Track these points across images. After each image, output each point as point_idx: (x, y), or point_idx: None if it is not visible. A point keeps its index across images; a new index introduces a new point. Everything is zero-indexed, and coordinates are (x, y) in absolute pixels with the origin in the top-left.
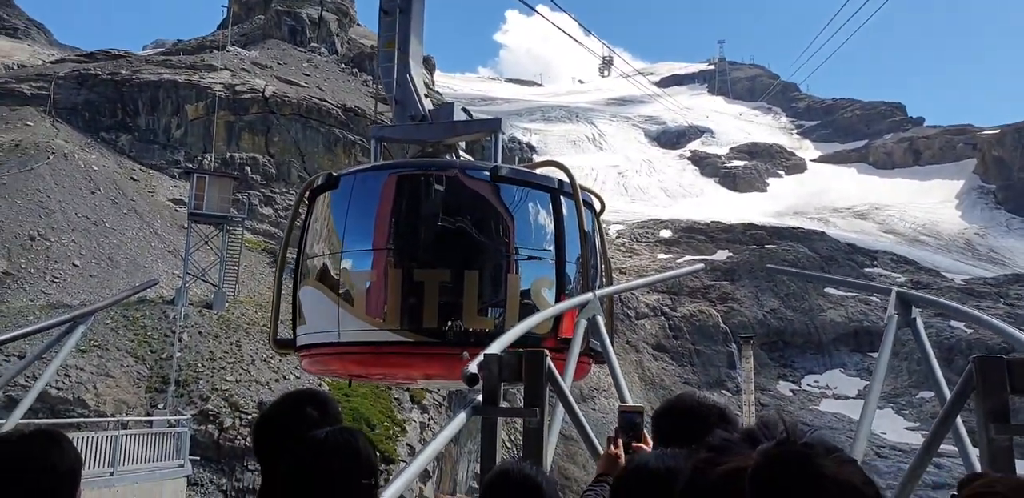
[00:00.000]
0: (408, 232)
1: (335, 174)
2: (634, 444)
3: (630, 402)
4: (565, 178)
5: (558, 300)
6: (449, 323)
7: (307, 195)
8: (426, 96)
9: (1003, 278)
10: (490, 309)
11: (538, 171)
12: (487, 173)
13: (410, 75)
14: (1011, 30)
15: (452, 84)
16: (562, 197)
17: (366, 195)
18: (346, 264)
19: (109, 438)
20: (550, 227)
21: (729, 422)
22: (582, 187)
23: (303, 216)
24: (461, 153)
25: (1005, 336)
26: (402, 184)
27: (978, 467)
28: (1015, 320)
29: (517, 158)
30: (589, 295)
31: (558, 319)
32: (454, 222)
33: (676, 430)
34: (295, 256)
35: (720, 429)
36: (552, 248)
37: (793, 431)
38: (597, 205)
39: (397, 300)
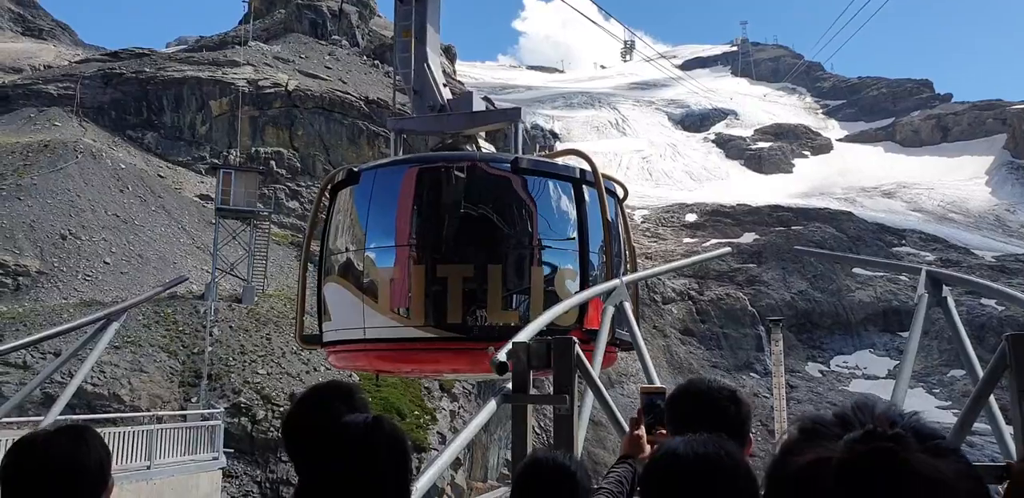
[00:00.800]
0: (430, 227)
1: (356, 169)
2: (658, 430)
3: (658, 385)
4: (587, 167)
5: (583, 289)
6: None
7: (328, 190)
8: (444, 85)
9: None
10: (514, 303)
11: (559, 160)
12: (508, 165)
13: (428, 64)
14: None
15: (473, 73)
16: (584, 186)
17: (387, 190)
18: (370, 260)
19: (145, 432)
20: (573, 217)
21: (740, 404)
22: (604, 175)
23: (325, 211)
24: (481, 143)
25: None
26: (422, 178)
27: (1012, 445)
28: None
29: (540, 145)
30: (616, 281)
31: (583, 310)
32: (476, 216)
33: (689, 414)
34: (318, 251)
35: (733, 411)
36: (575, 238)
37: (883, 420)
38: (620, 192)
39: (421, 296)
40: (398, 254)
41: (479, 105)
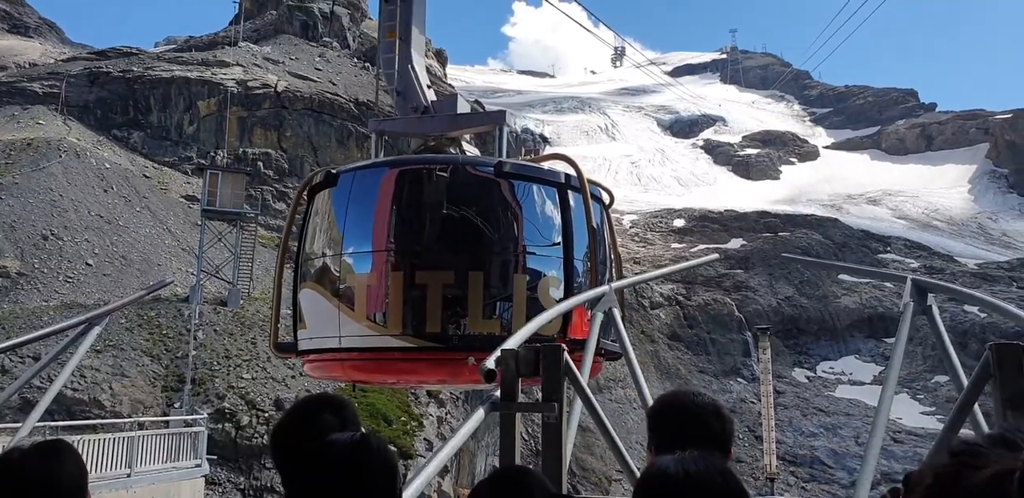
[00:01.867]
0: (409, 232)
1: (334, 171)
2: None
3: (647, 393)
4: (572, 172)
5: (567, 298)
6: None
7: (306, 193)
8: (429, 87)
9: (1016, 262)
10: (496, 311)
11: (545, 165)
12: (491, 168)
13: (412, 65)
14: None
15: (464, 76)
16: (569, 191)
17: (365, 193)
18: (346, 266)
19: (126, 439)
20: (558, 223)
21: (724, 419)
22: (590, 180)
23: (303, 215)
24: (465, 147)
25: (1020, 323)
26: (402, 181)
27: None
28: None
29: (527, 149)
30: (605, 288)
31: (567, 318)
32: (457, 221)
33: (674, 429)
34: (295, 256)
35: (717, 427)
36: (560, 245)
37: None
38: (606, 198)
39: (399, 303)
40: (375, 259)
41: (464, 107)
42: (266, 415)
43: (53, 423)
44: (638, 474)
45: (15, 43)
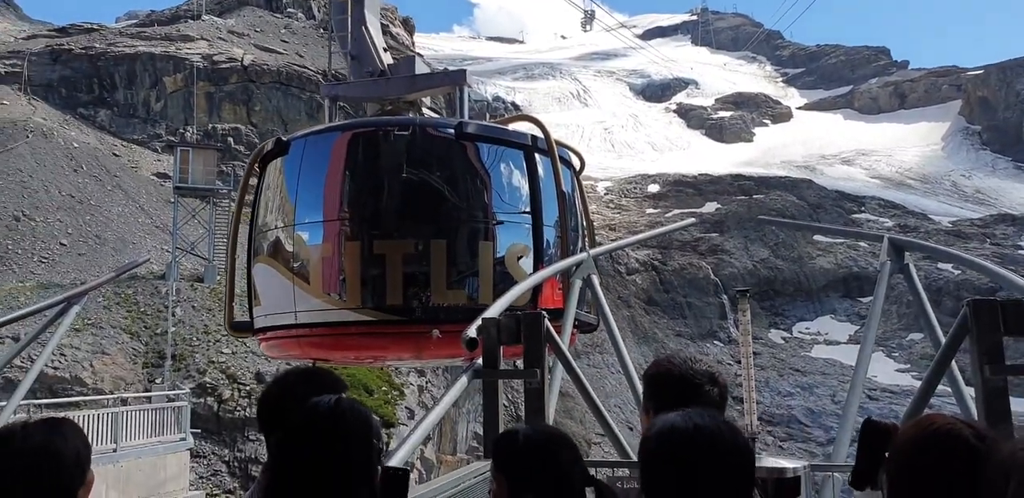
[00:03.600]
0: (365, 199)
1: (284, 138)
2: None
3: (628, 358)
4: (540, 134)
5: (536, 267)
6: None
7: (257, 163)
8: (385, 50)
9: (989, 218)
10: (461, 282)
11: (511, 127)
12: (451, 130)
13: (366, 27)
14: None
15: (432, 44)
16: (537, 155)
17: (317, 160)
18: (300, 237)
19: (110, 415)
20: (525, 188)
21: (720, 386)
22: (559, 143)
23: (256, 186)
24: (425, 111)
25: (997, 279)
26: (356, 146)
27: (973, 407)
28: (1002, 260)
29: (498, 117)
30: (583, 255)
31: (537, 290)
32: (416, 186)
33: (673, 397)
34: (248, 230)
35: (715, 393)
36: (528, 211)
37: None
38: (576, 162)
39: (356, 276)
40: (330, 229)
41: (422, 69)
42: (247, 389)
43: (37, 401)
44: (620, 437)
45: None
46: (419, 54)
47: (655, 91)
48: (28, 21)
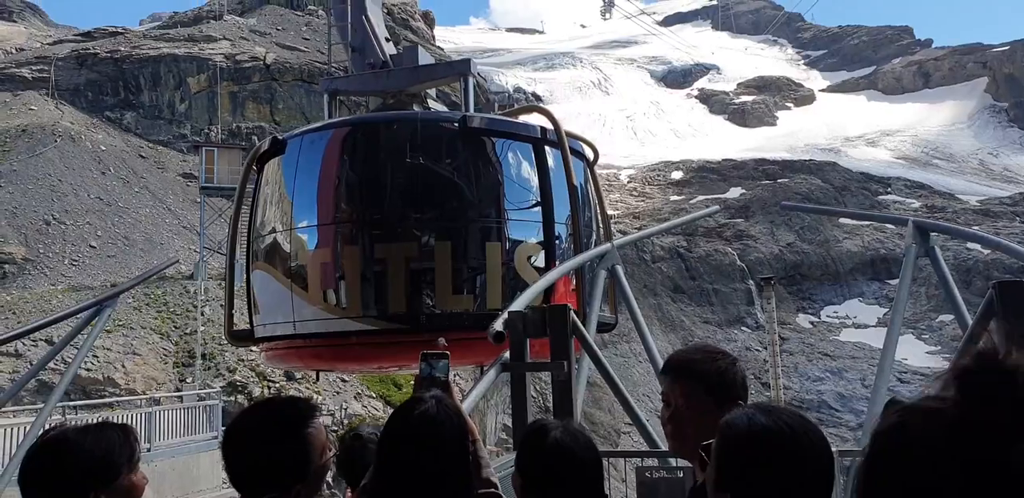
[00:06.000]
0: (364, 201)
1: (280, 137)
2: None
3: (654, 347)
4: (549, 125)
5: (548, 267)
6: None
7: (256, 163)
8: (388, 40)
9: (1019, 196)
10: (468, 286)
11: (519, 119)
12: (455, 124)
13: (367, 16)
14: None
15: (451, 37)
16: (547, 147)
17: (314, 159)
18: (296, 242)
19: (143, 415)
20: (534, 183)
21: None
22: (571, 134)
23: (253, 188)
24: (431, 104)
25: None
26: (353, 143)
27: None
28: None
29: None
30: (607, 245)
31: (549, 288)
32: (418, 185)
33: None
34: (246, 234)
35: (740, 377)
36: (538, 208)
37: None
38: (590, 154)
39: (357, 282)
40: (328, 233)
41: (426, 59)
42: (277, 386)
43: (72, 403)
44: (648, 427)
45: (0, 28)
46: (440, 48)
47: (676, 77)
48: (54, 26)
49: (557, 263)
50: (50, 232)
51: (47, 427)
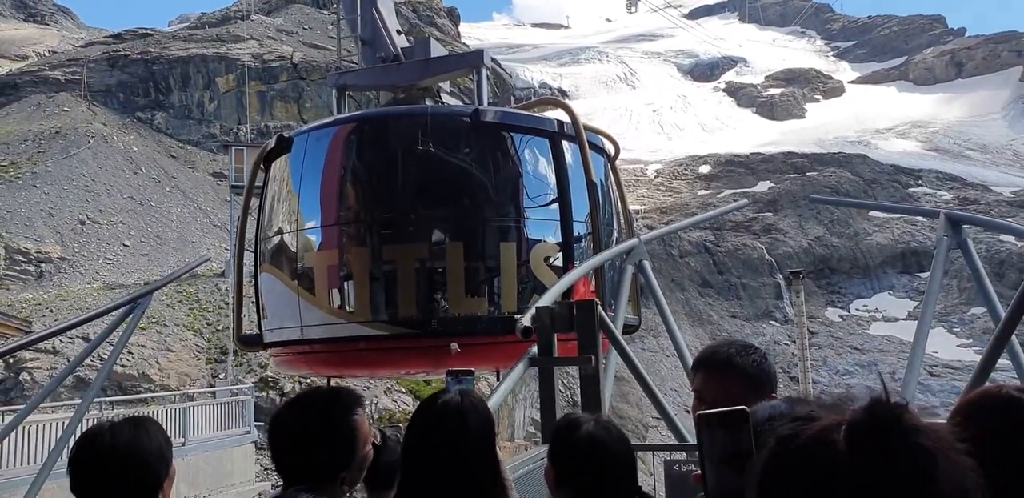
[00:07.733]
0: (371, 200)
1: (287, 135)
2: None
3: (682, 342)
4: (567, 119)
5: (566, 267)
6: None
7: (263, 163)
8: (399, 32)
9: None
10: (482, 288)
11: (535, 112)
12: (467, 118)
13: (376, 9)
14: None
15: (476, 34)
16: (565, 142)
17: (320, 157)
18: (303, 244)
19: (178, 410)
20: (551, 180)
21: (768, 361)
22: (589, 128)
23: (260, 188)
24: (445, 98)
25: None
26: (360, 140)
27: None
28: None
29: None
30: (634, 241)
31: (567, 293)
32: (428, 183)
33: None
34: (255, 235)
35: (769, 369)
36: (555, 206)
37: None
38: (610, 148)
39: (365, 285)
40: (334, 235)
41: (439, 51)
42: (308, 381)
43: (108, 398)
44: (676, 421)
45: (33, 32)
46: (465, 45)
47: (703, 71)
48: (85, 29)
49: (576, 264)
50: (85, 231)
51: (85, 423)
